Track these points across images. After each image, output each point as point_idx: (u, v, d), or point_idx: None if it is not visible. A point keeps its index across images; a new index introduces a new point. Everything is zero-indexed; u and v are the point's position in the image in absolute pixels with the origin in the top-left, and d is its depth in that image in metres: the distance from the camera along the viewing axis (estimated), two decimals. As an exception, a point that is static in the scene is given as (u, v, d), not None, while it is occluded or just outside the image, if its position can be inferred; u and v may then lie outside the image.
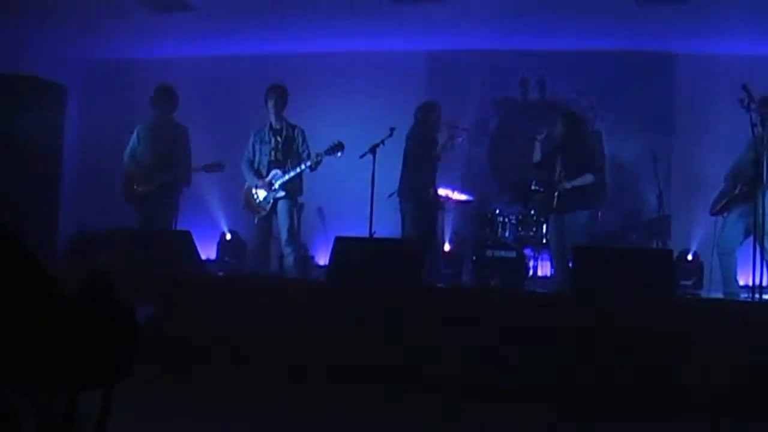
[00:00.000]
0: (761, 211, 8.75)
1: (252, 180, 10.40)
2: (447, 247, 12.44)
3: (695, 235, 12.15)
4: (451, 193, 11.88)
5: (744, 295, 9.36)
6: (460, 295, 8.49)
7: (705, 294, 11.05)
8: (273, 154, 10.36)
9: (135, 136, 10.76)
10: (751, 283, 8.77)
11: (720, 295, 9.55)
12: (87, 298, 2.41)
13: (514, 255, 10.98)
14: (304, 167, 10.17)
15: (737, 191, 9.32)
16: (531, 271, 11.41)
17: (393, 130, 10.32)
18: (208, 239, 12.93)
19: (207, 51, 13.71)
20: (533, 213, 11.35)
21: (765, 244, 8.90)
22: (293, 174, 10.20)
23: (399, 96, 12.43)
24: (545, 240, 11.25)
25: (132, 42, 13.37)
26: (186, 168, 10.64)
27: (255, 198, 10.36)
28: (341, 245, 8.53)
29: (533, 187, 11.35)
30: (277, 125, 10.39)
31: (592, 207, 10.43)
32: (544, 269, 11.74)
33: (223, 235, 13.52)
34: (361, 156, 10.23)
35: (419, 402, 6.49)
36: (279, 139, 10.35)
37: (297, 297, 7.87)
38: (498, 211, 11.61)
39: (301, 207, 11.45)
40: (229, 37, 13.21)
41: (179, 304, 7.27)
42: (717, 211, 9.67)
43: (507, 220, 11.44)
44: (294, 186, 10.33)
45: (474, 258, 11.33)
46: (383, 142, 10.26)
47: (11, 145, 10.55)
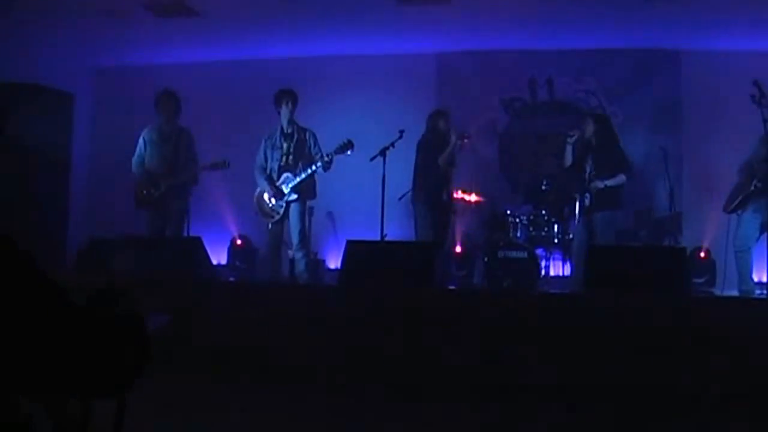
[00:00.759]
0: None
1: (264, 185, 10.38)
2: (458, 249, 12.40)
3: (707, 232, 12.10)
4: (463, 195, 11.84)
5: (758, 292, 9.34)
6: (472, 297, 8.46)
7: (718, 291, 11.02)
8: (284, 158, 10.34)
9: (141, 142, 10.74)
10: (767, 280, 8.75)
11: (734, 293, 9.51)
12: (99, 308, 2.39)
13: (525, 255, 10.93)
14: (315, 167, 10.14)
15: (752, 188, 9.28)
16: (543, 271, 11.36)
17: (402, 132, 10.32)
18: (218, 244, 12.91)
19: (214, 56, 13.70)
20: (544, 213, 11.31)
21: None
22: (305, 176, 10.17)
23: (408, 98, 12.44)
24: (557, 240, 11.22)
25: (138, 48, 13.36)
26: (192, 170, 10.61)
27: (268, 203, 10.33)
28: (353, 248, 8.52)
29: (544, 187, 11.33)
30: (289, 129, 10.37)
31: (620, 207, 10.39)
32: (556, 269, 11.71)
33: (234, 240, 13.49)
34: (372, 159, 10.23)
35: (433, 403, 6.47)
36: (290, 143, 10.32)
37: (310, 301, 7.85)
38: (509, 212, 11.56)
39: (311, 211, 11.42)
40: (236, 42, 13.19)
41: (191, 309, 7.26)
42: (732, 209, 9.63)
43: (518, 220, 11.39)
44: (306, 189, 10.32)
45: (486, 259, 11.28)
46: (393, 144, 10.27)
47: (20, 154, 10.56)
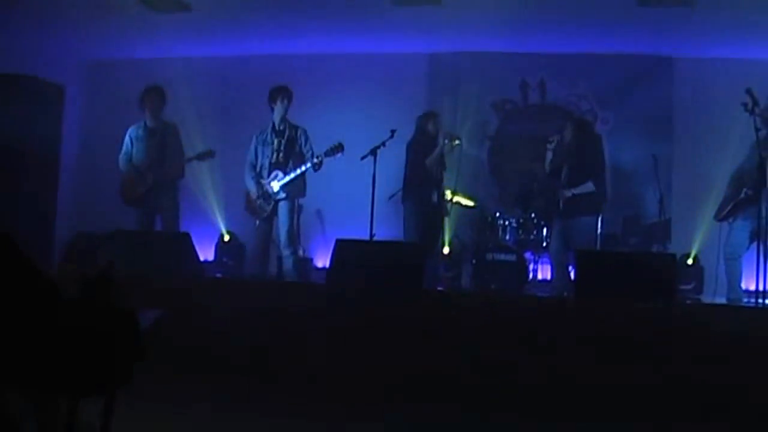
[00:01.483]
0: (766, 215, 8.73)
1: (253, 182, 10.35)
2: (447, 250, 12.40)
3: (695, 239, 12.14)
4: (453, 197, 11.82)
5: (746, 300, 9.34)
6: (460, 299, 8.45)
7: (706, 298, 11.04)
8: (275, 155, 10.30)
9: (128, 138, 10.71)
10: (755, 288, 8.74)
11: (723, 300, 9.52)
12: (86, 302, 2.36)
13: (514, 258, 10.93)
14: (306, 167, 10.11)
15: (742, 196, 9.28)
16: (531, 275, 11.37)
17: (394, 132, 10.29)
18: (206, 240, 12.88)
19: (206, 51, 13.64)
20: (533, 216, 11.31)
21: None
22: (294, 175, 10.14)
23: (400, 98, 12.44)
24: (545, 243, 11.22)
25: (131, 42, 13.30)
26: (179, 163, 10.57)
27: (256, 200, 10.29)
28: (342, 247, 8.49)
29: (533, 191, 11.33)
30: (281, 126, 10.34)
31: (595, 213, 10.38)
32: (544, 273, 11.71)
33: (221, 237, 13.46)
34: (362, 158, 10.20)
35: (419, 404, 6.46)
36: (282, 140, 10.29)
37: (297, 299, 7.83)
38: (498, 215, 11.58)
39: (300, 209, 11.40)
40: (228, 38, 13.15)
41: (179, 306, 7.22)
42: (723, 217, 9.63)
43: (507, 223, 11.40)
44: (295, 187, 10.28)
45: (474, 261, 11.28)
46: (384, 144, 10.23)
47: (8, 146, 10.50)
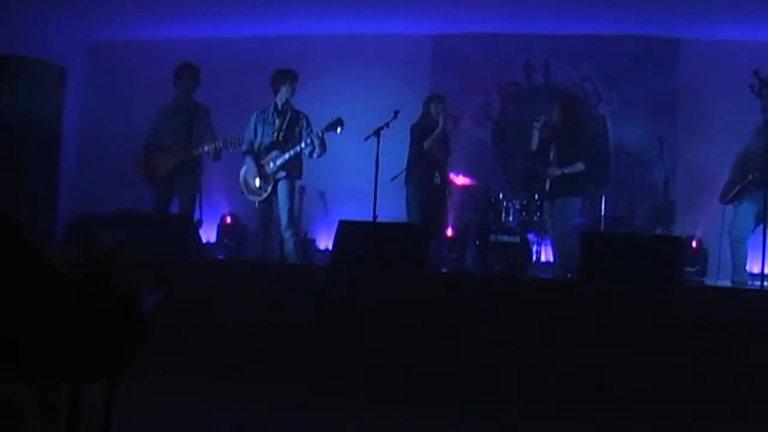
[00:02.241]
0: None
1: (250, 162, 10.29)
2: (450, 232, 12.37)
3: (699, 222, 12.11)
4: (456, 177, 11.79)
5: (750, 283, 9.32)
6: (463, 280, 8.44)
7: (709, 280, 11.03)
8: (276, 135, 10.23)
9: (156, 116, 10.65)
10: (760, 271, 8.71)
11: (727, 283, 9.50)
12: (87, 285, 2.32)
13: (517, 240, 10.92)
14: (302, 147, 10.05)
15: (749, 178, 9.23)
16: (534, 257, 11.35)
17: (397, 113, 10.28)
18: (208, 222, 12.86)
19: (208, 33, 13.58)
20: (537, 198, 11.28)
21: None
22: (292, 154, 10.08)
23: (403, 79, 12.40)
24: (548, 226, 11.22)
25: (133, 23, 13.24)
26: (213, 145, 10.32)
27: (254, 181, 10.23)
28: (345, 229, 8.46)
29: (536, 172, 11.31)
30: (284, 107, 10.28)
31: (583, 193, 10.39)
32: (547, 254, 11.69)
33: (224, 218, 13.43)
34: (366, 138, 10.18)
35: (423, 386, 6.45)
36: (283, 121, 10.23)
37: (300, 281, 7.81)
38: (502, 196, 11.55)
39: (303, 190, 11.37)
40: (230, 20, 13.12)
41: (181, 288, 7.19)
42: (728, 200, 9.58)
43: (511, 205, 11.38)
44: (294, 167, 10.22)
45: (477, 243, 11.26)
46: (387, 125, 10.21)
47: (10, 127, 10.46)
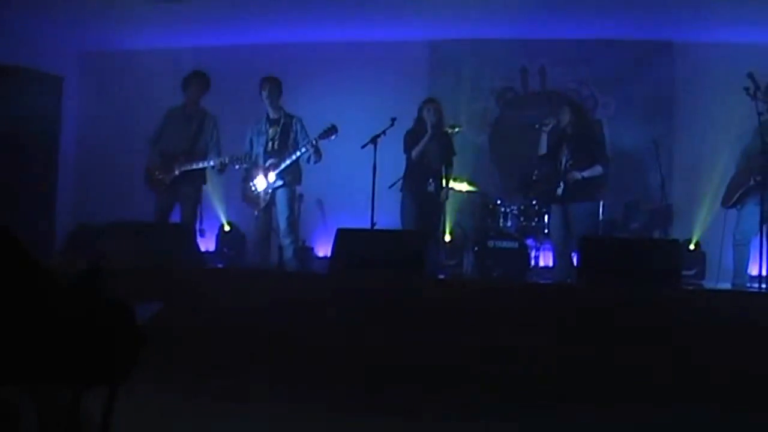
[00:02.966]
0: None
1: (249, 172, 10.30)
2: (448, 238, 12.39)
3: (697, 225, 12.13)
4: (454, 184, 11.79)
5: (748, 285, 9.35)
6: (462, 286, 8.44)
7: (708, 283, 11.04)
8: (270, 144, 10.25)
9: (162, 122, 10.63)
10: (759, 274, 8.73)
11: (726, 285, 9.53)
12: (80, 293, 2.34)
13: (516, 245, 10.94)
14: (300, 153, 10.05)
15: (752, 182, 9.24)
16: (533, 262, 11.37)
17: (394, 120, 10.27)
18: (207, 231, 12.89)
19: (204, 42, 13.59)
20: (535, 203, 11.28)
21: None
22: (289, 162, 10.09)
23: (400, 86, 12.41)
24: (547, 230, 11.20)
25: (129, 33, 13.23)
26: (216, 156, 10.39)
27: (253, 190, 10.25)
28: (343, 237, 8.47)
29: (534, 177, 11.30)
30: (275, 116, 10.30)
31: (597, 198, 10.38)
32: (546, 260, 11.71)
33: (222, 227, 13.45)
34: (363, 146, 10.18)
35: (422, 392, 6.45)
36: (276, 129, 10.25)
37: (299, 289, 7.81)
38: (500, 202, 11.57)
39: (301, 198, 11.39)
40: (225, 28, 13.13)
41: (180, 296, 7.20)
42: (732, 204, 9.58)
43: (509, 210, 11.39)
44: (292, 175, 10.23)
45: (476, 248, 11.28)
46: (384, 132, 10.21)
47: (8, 137, 10.48)
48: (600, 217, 11.09)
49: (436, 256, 10.48)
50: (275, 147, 10.23)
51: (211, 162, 10.24)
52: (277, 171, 10.10)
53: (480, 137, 13.55)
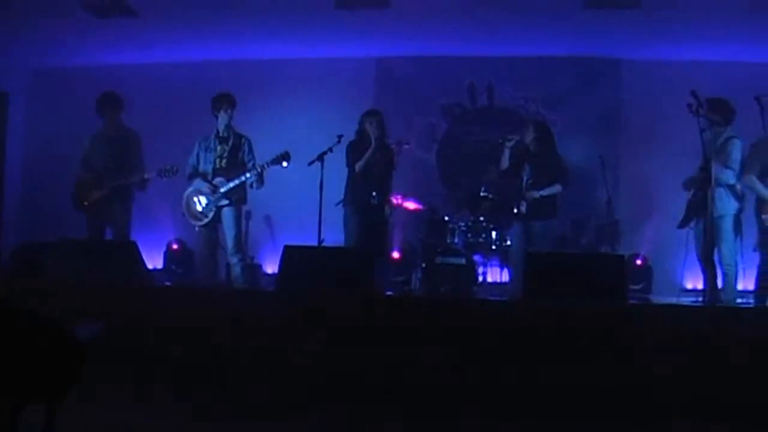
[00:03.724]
0: (712, 215, 8.81)
1: (193, 187, 10.27)
2: (396, 255, 12.41)
3: (644, 239, 12.25)
4: (402, 201, 11.80)
5: (685, 299, 9.47)
6: (409, 303, 8.44)
7: (655, 297, 11.16)
8: (218, 161, 10.20)
9: (88, 143, 10.61)
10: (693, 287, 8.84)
11: (672, 299, 9.64)
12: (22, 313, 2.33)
13: (463, 261, 10.95)
14: (246, 177, 10.03)
15: (692, 197, 9.37)
16: (480, 278, 11.39)
17: (341, 137, 10.29)
18: (154, 248, 12.83)
19: (154, 58, 13.56)
20: (483, 219, 11.32)
21: (722, 248, 9.01)
22: (236, 183, 10.07)
23: (348, 103, 12.38)
24: (494, 246, 11.25)
25: (76, 49, 13.18)
26: (139, 173, 10.42)
27: (196, 206, 10.21)
28: (290, 254, 8.44)
29: (482, 194, 11.34)
30: (224, 133, 10.25)
31: (555, 215, 10.44)
32: (493, 276, 11.75)
33: (170, 244, 13.39)
34: (310, 163, 10.17)
35: (369, 408, 6.44)
36: (225, 147, 10.20)
37: (246, 306, 7.79)
38: (447, 218, 11.58)
39: (249, 215, 11.36)
40: (175, 44, 13.08)
41: (126, 315, 7.17)
42: (682, 224, 9.66)
43: (456, 226, 11.41)
44: (238, 194, 10.20)
45: (423, 265, 11.29)
46: (331, 149, 10.21)
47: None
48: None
49: (383, 272, 10.48)
50: (223, 165, 10.18)
51: (133, 178, 10.27)
52: (223, 191, 10.05)
53: (428, 153, 13.59)
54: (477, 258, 11.33)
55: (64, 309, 2.94)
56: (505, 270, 11.48)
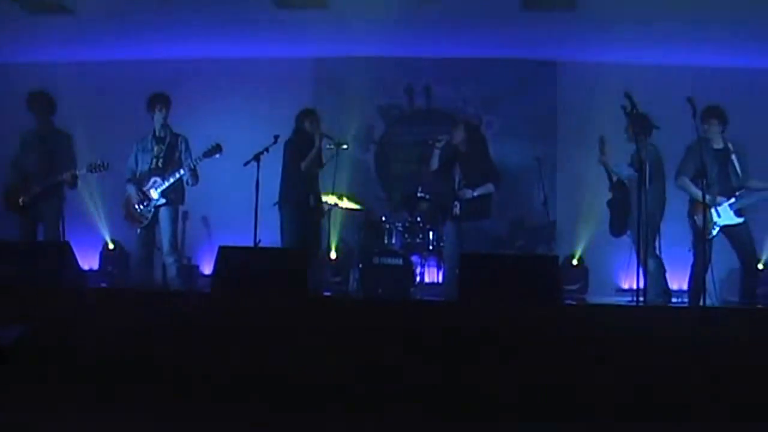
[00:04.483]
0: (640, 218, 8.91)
1: (132, 189, 10.18)
2: (333, 255, 12.40)
3: (580, 240, 12.34)
4: (339, 201, 11.80)
5: (620, 299, 9.56)
6: (345, 303, 8.44)
7: (591, 298, 11.25)
8: (155, 162, 10.16)
9: (19, 143, 10.46)
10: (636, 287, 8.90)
11: (609, 299, 9.73)
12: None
13: (400, 262, 10.96)
14: (181, 174, 10.01)
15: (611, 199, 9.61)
16: (418, 278, 11.41)
17: (277, 137, 10.25)
18: (90, 249, 12.72)
19: (89, 56, 13.43)
20: (420, 220, 11.34)
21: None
22: (173, 181, 10.02)
23: (284, 103, 12.29)
24: (431, 247, 11.28)
25: (9, 45, 13.01)
26: (71, 172, 10.28)
27: (136, 208, 10.14)
28: (225, 255, 8.40)
29: (419, 194, 11.36)
30: (161, 133, 10.20)
31: (489, 215, 10.49)
32: (431, 276, 11.78)
33: (106, 245, 13.28)
34: (246, 163, 10.12)
35: (305, 410, 6.42)
36: (162, 147, 10.16)
37: (181, 308, 7.73)
38: (384, 218, 11.59)
39: (186, 216, 11.30)
40: (111, 42, 12.96)
41: (59, 317, 7.09)
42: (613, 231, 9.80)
43: (394, 227, 11.42)
44: (175, 193, 10.15)
45: (360, 266, 11.27)
46: (267, 149, 10.17)
47: None
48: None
49: (319, 273, 10.49)
50: (160, 165, 10.14)
51: (63, 176, 10.15)
52: (160, 189, 10.00)
53: (365, 154, 13.61)
54: (414, 259, 11.34)
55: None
56: (442, 271, 11.49)
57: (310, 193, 10.65)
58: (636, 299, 8.81)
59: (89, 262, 12.77)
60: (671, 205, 9.67)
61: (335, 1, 11.22)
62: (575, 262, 12.47)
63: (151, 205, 10.06)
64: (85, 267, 11.52)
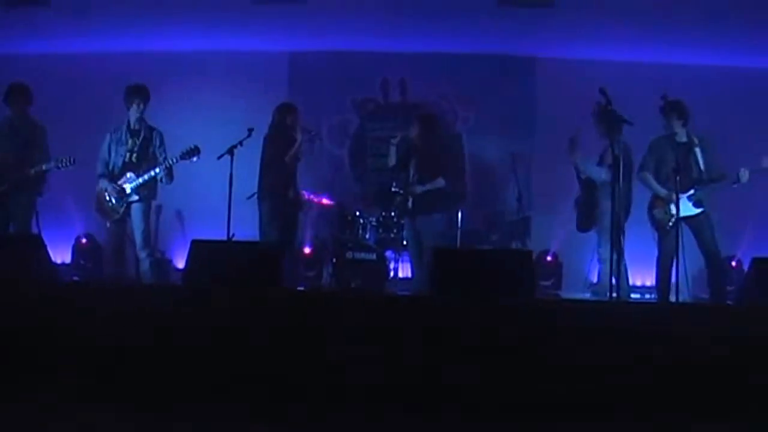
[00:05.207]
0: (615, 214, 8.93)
1: (105, 182, 10.11)
2: (307, 250, 12.38)
3: (555, 236, 12.36)
4: (313, 196, 11.79)
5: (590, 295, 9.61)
6: (318, 298, 8.42)
7: (565, 293, 11.27)
8: (129, 155, 10.10)
9: None
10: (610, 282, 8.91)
11: (584, 295, 9.75)
12: None
13: (374, 257, 10.99)
14: (156, 173, 9.96)
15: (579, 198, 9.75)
16: (392, 273, 11.43)
17: (251, 130, 10.24)
18: (62, 242, 12.65)
19: (65, 48, 13.35)
20: (393, 215, 11.35)
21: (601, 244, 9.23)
22: (146, 178, 9.97)
23: (259, 96, 12.32)
24: (406, 242, 11.28)
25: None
26: (42, 166, 10.22)
27: (107, 201, 10.08)
28: (197, 248, 8.35)
29: (393, 189, 11.36)
30: (136, 126, 10.14)
31: (446, 210, 10.49)
32: (405, 271, 11.78)
33: (79, 239, 13.21)
34: (219, 157, 10.08)
35: (279, 404, 6.40)
36: (136, 141, 10.10)
37: (153, 301, 7.69)
38: (358, 213, 11.61)
39: (159, 209, 11.25)
40: (86, 35, 12.90)
41: (29, 311, 7.03)
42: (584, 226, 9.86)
43: (367, 221, 11.45)
44: (148, 189, 10.11)
45: (334, 260, 11.28)
46: (241, 143, 10.14)
47: None
48: (458, 228, 11.23)
49: (292, 267, 10.46)
50: (133, 159, 10.09)
51: (32, 170, 10.10)
52: (133, 185, 9.95)
53: (340, 149, 13.60)
54: (388, 253, 11.38)
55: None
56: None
57: (289, 186, 10.62)
58: (609, 295, 8.83)
59: (62, 256, 12.73)
60: (637, 201, 9.70)
61: (310, -5, 11.23)
62: (549, 257, 12.50)
63: (124, 201, 10.00)
64: (58, 261, 11.45)
